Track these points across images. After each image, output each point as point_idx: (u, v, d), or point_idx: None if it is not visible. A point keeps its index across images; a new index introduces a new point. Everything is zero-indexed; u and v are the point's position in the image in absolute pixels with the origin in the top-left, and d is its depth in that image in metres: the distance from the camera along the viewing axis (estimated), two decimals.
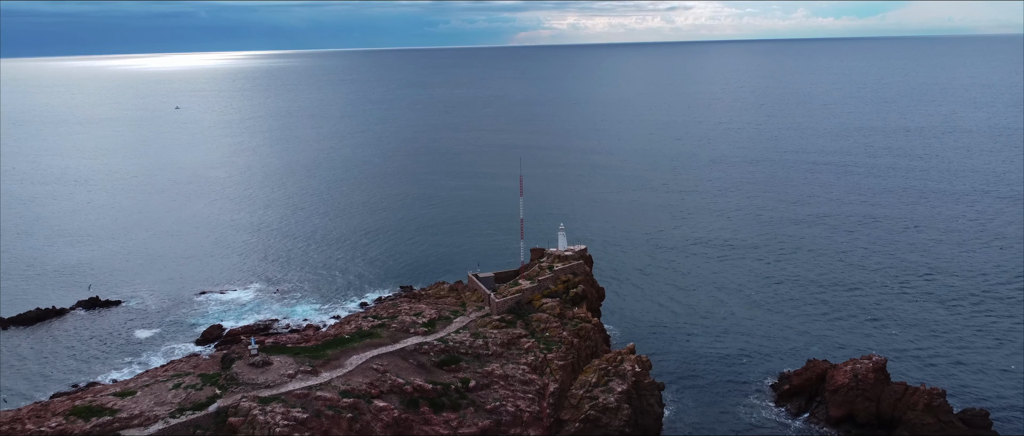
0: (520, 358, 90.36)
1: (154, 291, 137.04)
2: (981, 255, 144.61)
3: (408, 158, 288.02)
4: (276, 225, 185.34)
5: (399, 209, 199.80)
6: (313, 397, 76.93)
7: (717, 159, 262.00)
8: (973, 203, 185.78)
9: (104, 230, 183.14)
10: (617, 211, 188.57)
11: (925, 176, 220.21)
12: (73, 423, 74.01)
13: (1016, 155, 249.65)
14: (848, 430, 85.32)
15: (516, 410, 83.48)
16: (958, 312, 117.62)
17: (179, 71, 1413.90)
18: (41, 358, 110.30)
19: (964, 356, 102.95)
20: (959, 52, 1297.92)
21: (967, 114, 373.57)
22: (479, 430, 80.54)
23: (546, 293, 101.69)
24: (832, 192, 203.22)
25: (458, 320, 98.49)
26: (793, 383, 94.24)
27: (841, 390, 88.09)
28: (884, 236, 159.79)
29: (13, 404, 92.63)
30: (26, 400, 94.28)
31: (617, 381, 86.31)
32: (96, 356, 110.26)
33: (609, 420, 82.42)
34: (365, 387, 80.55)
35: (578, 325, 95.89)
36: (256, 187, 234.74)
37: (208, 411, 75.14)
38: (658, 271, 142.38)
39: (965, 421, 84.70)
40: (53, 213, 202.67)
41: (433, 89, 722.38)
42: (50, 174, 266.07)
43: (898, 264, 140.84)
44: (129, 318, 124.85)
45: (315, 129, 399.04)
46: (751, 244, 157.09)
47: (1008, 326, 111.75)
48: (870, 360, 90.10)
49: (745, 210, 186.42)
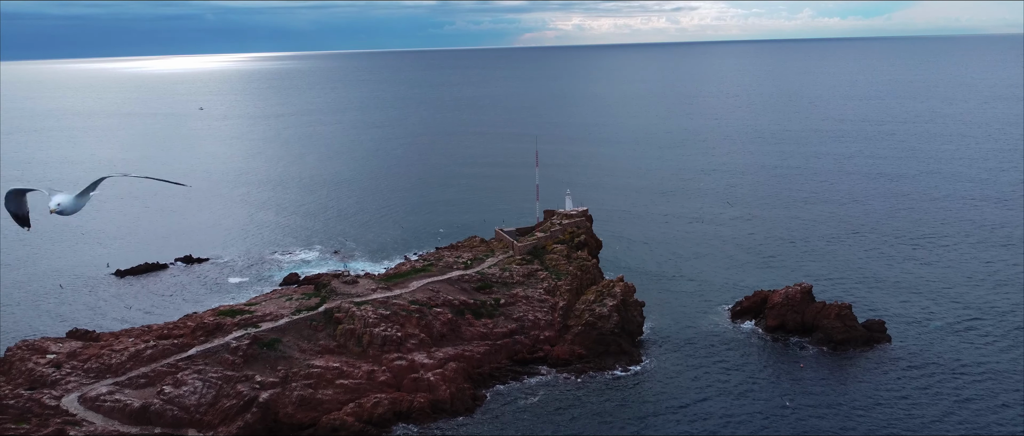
0: (537, 285, 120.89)
1: (235, 252, 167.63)
2: (905, 216, 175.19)
3: (430, 147, 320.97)
4: (325, 201, 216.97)
5: (430, 186, 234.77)
6: (391, 302, 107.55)
7: (710, 151, 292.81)
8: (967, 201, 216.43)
9: (184, 204, 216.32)
10: (614, 182, 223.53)
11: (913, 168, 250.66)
12: (224, 319, 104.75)
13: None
14: (780, 334, 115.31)
15: (535, 319, 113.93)
16: (875, 254, 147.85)
17: (188, 73, 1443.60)
18: (158, 296, 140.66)
19: (873, 285, 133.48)
20: (973, 51, 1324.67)
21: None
22: (508, 330, 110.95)
23: (556, 241, 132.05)
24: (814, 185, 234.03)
25: (489, 260, 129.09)
26: (743, 305, 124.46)
27: (776, 307, 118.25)
28: (835, 207, 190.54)
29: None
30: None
31: (609, 299, 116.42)
32: (203, 293, 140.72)
33: (603, 325, 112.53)
34: (426, 298, 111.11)
35: (581, 263, 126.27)
36: (299, 172, 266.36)
37: (318, 311, 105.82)
38: (646, 228, 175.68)
39: (866, 327, 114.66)
40: (141, 188, 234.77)
41: (443, 88, 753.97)
42: (117, 160, 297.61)
43: (843, 224, 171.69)
44: (220, 270, 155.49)
45: (338, 124, 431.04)
46: (721, 214, 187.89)
47: (913, 265, 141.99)
48: (799, 286, 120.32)
49: (719, 189, 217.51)
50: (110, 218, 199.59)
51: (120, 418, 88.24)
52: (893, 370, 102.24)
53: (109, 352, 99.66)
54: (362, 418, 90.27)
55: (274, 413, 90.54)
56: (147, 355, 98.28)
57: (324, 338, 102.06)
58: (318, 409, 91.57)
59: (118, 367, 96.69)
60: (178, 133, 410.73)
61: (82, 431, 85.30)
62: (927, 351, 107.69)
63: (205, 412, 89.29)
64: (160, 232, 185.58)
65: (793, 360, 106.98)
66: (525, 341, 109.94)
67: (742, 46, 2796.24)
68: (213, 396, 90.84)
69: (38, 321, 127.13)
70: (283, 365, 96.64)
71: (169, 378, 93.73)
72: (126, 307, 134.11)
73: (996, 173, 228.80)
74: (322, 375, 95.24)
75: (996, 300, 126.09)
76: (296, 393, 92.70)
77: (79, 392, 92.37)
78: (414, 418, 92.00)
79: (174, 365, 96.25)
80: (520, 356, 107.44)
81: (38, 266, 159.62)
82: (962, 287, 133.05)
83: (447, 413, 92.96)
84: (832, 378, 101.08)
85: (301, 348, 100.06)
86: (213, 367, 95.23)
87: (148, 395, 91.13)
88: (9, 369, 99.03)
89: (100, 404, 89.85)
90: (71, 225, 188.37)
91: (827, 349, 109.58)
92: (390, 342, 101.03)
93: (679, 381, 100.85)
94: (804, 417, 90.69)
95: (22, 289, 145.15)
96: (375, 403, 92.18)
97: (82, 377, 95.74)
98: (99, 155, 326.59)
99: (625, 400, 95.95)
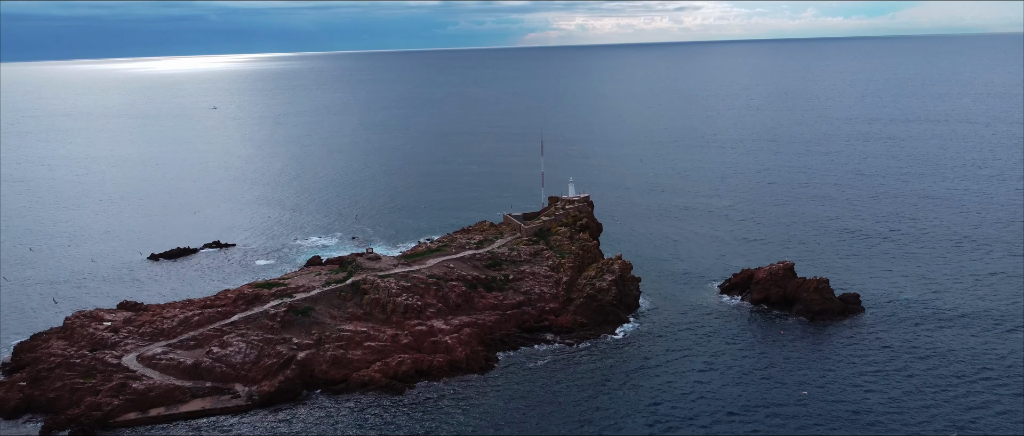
0: (543, 262, 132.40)
1: (259, 239, 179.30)
2: (882, 202, 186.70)
3: (438, 142, 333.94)
4: (341, 193, 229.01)
5: (439, 178, 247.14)
6: (411, 276, 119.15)
7: (705, 146, 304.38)
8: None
9: (212, 194, 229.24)
10: (615, 174, 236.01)
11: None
12: (261, 290, 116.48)
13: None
14: (764, 307, 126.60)
15: (540, 292, 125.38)
16: (852, 236, 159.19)
17: (193, 74, 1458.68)
18: (193, 275, 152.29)
19: (851, 263, 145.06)
20: (976, 50, 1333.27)
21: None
22: (516, 302, 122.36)
23: (560, 224, 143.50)
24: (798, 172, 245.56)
25: (499, 241, 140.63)
26: (732, 281, 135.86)
27: (761, 282, 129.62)
28: (821, 190, 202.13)
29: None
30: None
31: (609, 274, 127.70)
32: (234, 273, 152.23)
33: (602, 297, 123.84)
34: (442, 273, 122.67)
35: (583, 243, 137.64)
36: (314, 167, 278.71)
37: (346, 283, 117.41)
38: (643, 213, 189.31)
39: (842, 299, 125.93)
40: (168, 180, 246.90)
41: (448, 88, 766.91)
42: (146, 156, 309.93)
43: (826, 211, 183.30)
44: (247, 254, 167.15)
45: (348, 122, 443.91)
46: (713, 203, 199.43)
47: (888, 246, 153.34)
48: (782, 264, 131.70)
49: (712, 180, 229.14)
50: (136, 210, 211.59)
51: (175, 374, 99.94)
52: (865, 337, 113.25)
53: (160, 318, 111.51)
54: (388, 375, 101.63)
55: (310, 370, 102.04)
56: (195, 321, 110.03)
57: (352, 306, 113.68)
58: (349, 367, 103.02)
59: (170, 331, 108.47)
60: (194, 131, 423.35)
61: (143, 384, 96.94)
62: (896, 318, 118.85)
63: (249, 369, 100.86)
64: (188, 221, 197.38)
65: (775, 328, 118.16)
66: (532, 312, 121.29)
67: (745, 46, 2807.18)
68: (256, 355, 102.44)
69: (86, 297, 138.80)
70: (316, 329, 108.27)
71: (216, 340, 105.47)
72: (165, 284, 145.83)
73: (974, 169, 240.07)
74: (351, 338, 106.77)
75: (960, 274, 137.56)
76: (329, 353, 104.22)
77: (136, 352, 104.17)
78: (433, 376, 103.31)
79: (219, 330, 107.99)
80: (528, 324, 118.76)
81: (79, 249, 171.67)
82: (930, 264, 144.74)
83: (463, 372, 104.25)
84: (810, 343, 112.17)
85: (332, 315, 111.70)
86: (254, 331, 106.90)
87: (198, 355, 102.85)
88: (71, 334, 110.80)
89: (156, 362, 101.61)
90: (99, 217, 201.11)
91: (806, 319, 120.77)
92: (411, 310, 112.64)
93: (670, 345, 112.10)
94: (786, 371, 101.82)
95: (66, 270, 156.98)
96: (399, 362, 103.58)
97: (138, 340, 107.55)
98: (119, 153, 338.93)
99: (621, 360, 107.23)
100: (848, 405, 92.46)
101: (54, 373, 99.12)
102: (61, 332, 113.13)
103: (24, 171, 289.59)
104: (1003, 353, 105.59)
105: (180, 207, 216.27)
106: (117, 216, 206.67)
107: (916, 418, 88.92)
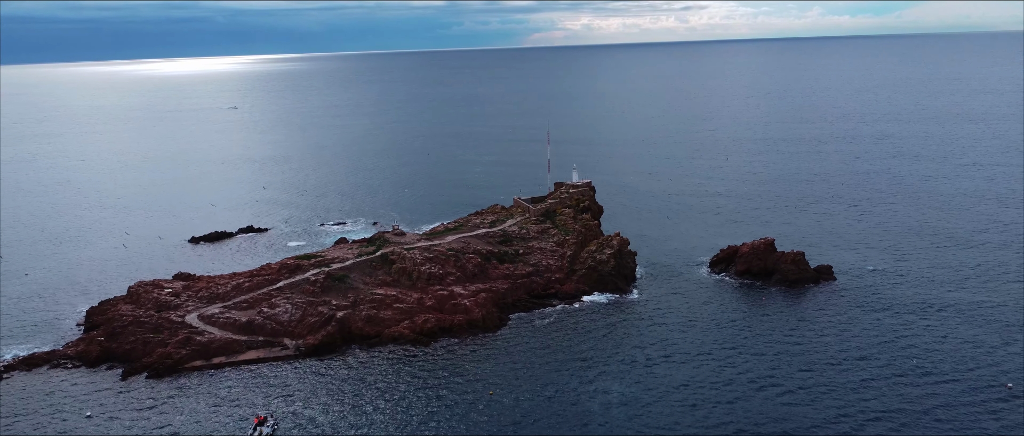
0: (549, 239, 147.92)
1: (289, 224, 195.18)
2: (857, 182, 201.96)
3: (449, 138, 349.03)
4: (361, 184, 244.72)
5: (452, 166, 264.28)
6: (433, 248, 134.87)
7: (701, 141, 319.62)
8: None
9: (241, 184, 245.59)
10: (614, 159, 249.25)
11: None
12: (302, 261, 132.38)
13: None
14: (746, 279, 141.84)
15: (547, 264, 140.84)
16: (826, 216, 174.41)
17: (203, 75, 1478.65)
18: (232, 255, 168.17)
19: (826, 238, 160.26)
20: (981, 48, 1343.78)
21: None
22: (526, 272, 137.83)
23: (565, 206, 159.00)
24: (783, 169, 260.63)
25: (509, 221, 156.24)
26: (719, 256, 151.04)
27: (744, 256, 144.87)
28: (804, 184, 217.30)
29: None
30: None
31: (608, 249, 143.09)
32: (271, 253, 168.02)
33: (603, 268, 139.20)
34: (460, 247, 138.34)
35: (585, 223, 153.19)
36: (333, 160, 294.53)
37: (376, 255, 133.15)
38: (640, 197, 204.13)
39: (816, 270, 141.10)
40: (197, 174, 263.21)
41: (455, 87, 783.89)
42: (180, 150, 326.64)
43: (813, 194, 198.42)
44: (280, 236, 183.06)
45: (361, 119, 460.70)
46: (705, 188, 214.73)
47: (863, 225, 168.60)
48: (764, 240, 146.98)
49: (704, 169, 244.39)
50: (173, 200, 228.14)
51: (231, 330, 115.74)
52: (836, 302, 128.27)
53: (215, 285, 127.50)
54: (415, 331, 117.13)
55: (348, 327, 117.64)
56: (245, 286, 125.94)
57: (382, 274, 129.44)
58: (381, 325, 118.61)
59: (224, 295, 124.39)
60: (218, 128, 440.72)
61: (205, 338, 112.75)
62: (863, 286, 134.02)
63: (295, 326, 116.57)
64: (222, 209, 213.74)
65: (756, 295, 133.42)
66: (540, 281, 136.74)
67: (751, 45, 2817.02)
68: (300, 315, 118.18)
69: (141, 270, 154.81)
70: (352, 293, 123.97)
71: (265, 303, 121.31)
72: (209, 261, 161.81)
73: (952, 159, 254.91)
74: (383, 300, 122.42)
75: (924, 248, 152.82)
76: (363, 313, 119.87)
77: (197, 312, 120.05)
78: (454, 333, 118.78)
79: (267, 294, 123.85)
80: (536, 292, 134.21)
81: (128, 234, 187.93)
82: (896, 239, 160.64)
83: (480, 329, 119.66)
84: (786, 307, 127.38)
85: (365, 281, 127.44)
86: (298, 295, 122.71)
87: (251, 314, 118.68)
88: (137, 299, 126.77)
89: (215, 320, 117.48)
90: (138, 208, 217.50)
91: (784, 287, 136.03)
92: (434, 277, 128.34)
93: (662, 308, 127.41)
94: (763, 331, 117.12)
95: (119, 252, 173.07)
96: (425, 321, 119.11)
97: (197, 302, 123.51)
98: (148, 150, 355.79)
99: (620, 321, 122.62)
100: (813, 347, 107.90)
101: (127, 330, 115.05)
102: (127, 298, 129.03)
103: (59, 174, 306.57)
104: (950, 302, 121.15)
105: (213, 197, 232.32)
106: (156, 206, 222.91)
107: (881, 358, 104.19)
